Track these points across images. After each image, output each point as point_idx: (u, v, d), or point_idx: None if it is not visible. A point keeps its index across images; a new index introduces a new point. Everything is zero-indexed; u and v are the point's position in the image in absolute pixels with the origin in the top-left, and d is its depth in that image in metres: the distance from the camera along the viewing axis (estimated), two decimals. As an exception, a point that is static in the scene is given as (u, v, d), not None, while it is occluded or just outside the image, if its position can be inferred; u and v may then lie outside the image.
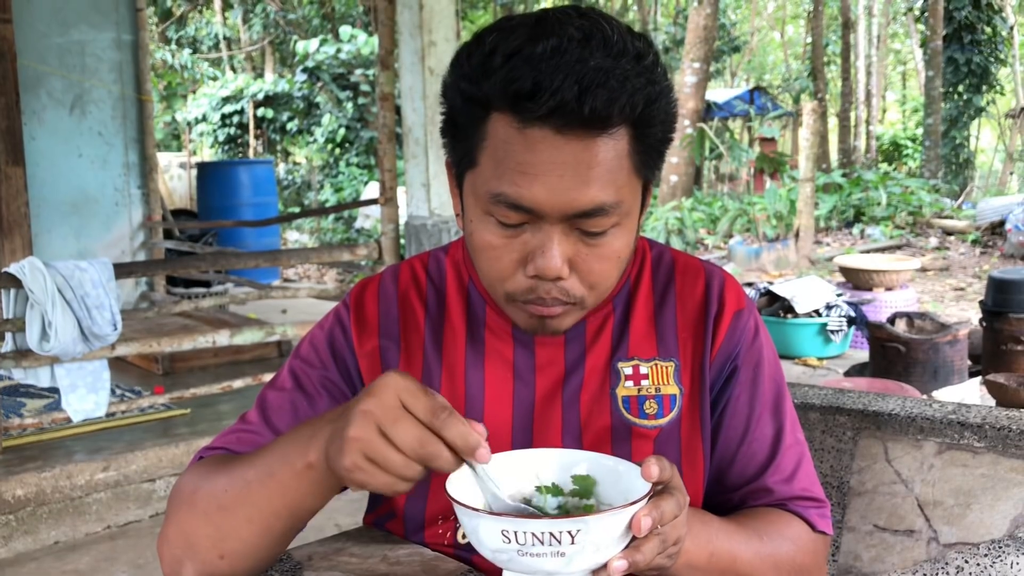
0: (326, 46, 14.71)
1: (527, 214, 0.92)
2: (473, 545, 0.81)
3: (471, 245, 1.00)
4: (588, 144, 0.89)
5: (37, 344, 3.40)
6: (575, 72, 0.86)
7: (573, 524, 0.74)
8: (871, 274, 6.40)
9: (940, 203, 12.90)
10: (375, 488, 0.81)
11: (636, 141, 0.93)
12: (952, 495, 1.25)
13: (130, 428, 3.82)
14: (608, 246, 0.96)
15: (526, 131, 0.89)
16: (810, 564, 1.07)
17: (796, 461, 1.09)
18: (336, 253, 4.69)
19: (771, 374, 1.12)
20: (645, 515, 0.77)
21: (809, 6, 22.43)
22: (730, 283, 1.12)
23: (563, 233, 0.93)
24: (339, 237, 12.85)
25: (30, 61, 5.89)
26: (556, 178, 0.89)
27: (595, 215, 0.92)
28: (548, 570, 0.77)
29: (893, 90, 31.28)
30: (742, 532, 1.00)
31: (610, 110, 0.88)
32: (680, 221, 11.07)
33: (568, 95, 0.86)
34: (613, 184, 0.92)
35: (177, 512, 0.99)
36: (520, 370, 1.08)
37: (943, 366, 4.47)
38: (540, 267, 0.93)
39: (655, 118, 0.93)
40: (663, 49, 20.89)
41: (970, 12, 17.27)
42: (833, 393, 1.44)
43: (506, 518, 0.76)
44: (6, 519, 3.24)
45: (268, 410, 1.10)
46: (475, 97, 0.92)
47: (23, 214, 5.70)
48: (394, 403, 0.79)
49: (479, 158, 0.94)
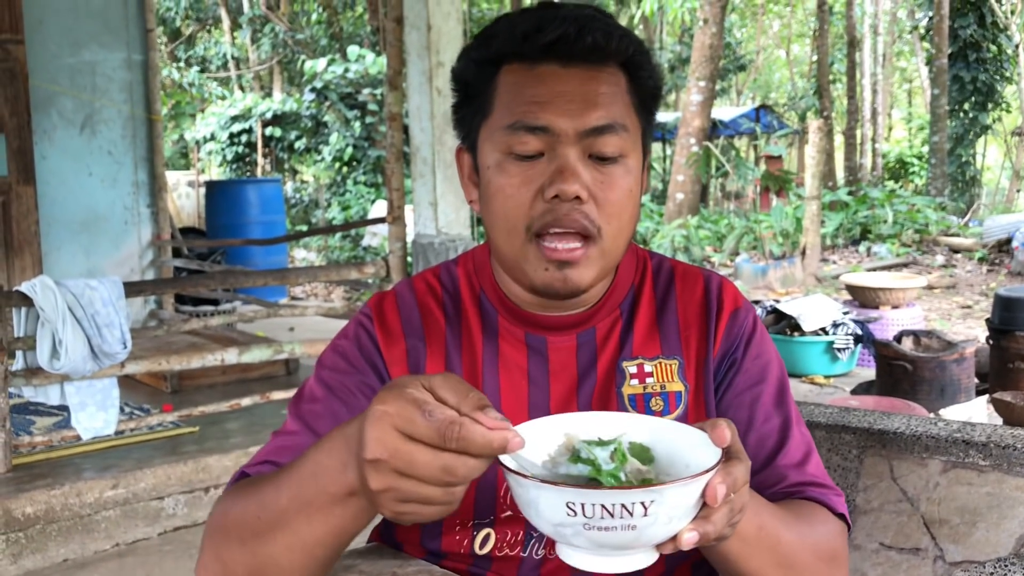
0: (334, 66, 14.80)
1: (544, 136, 0.99)
2: (529, 519, 0.75)
3: (490, 202, 1.04)
4: (591, 75, 1.00)
5: (47, 362, 3.42)
6: (573, 14, 1.00)
7: (647, 495, 0.68)
8: (877, 292, 6.39)
9: (947, 221, 12.89)
10: (432, 518, 0.75)
11: (631, 83, 1.04)
12: (958, 513, 1.26)
13: (139, 446, 3.83)
14: (619, 178, 1.02)
15: (535, 69, 1.00)
16: (839, 550, 1.04)
17: (805, 451, 1.09)
18: (344, 271, 4.72)
19: (773, 369, 1.13)
20: (719, 483, 0.72)
21: (814, 25, 22.50)
22: (727, 285, 1.16)
23: (577, 157, 1.00)
24: (346, 255, 12.88)
25: (42, 81, 5.94)
26: (566, 102, 0.99)
27: (605, 132, 1.00)
28: (614, 544, 0.70)
29: (899, 108, 31.31)
30: (782, 511, 0.97)
31: (608, 44, 1.00)
32: (686, 239, 11.08)
33: (570, 29, 0.98)
34: (617, 108, 1.01)
35: (212, 539, 0.96)
36: (534, 376, 1.10)
37: (950, 384, 4.46)
38: (559, 186, 0.98)
39: (644, 65, 1.05)
40: (669, 68, 20.98)
41: (975, 30, 17.31)
42: (838, 412, 1.45)
43: (573, 488, 0.69)
44: (16, 536, 3.25)
45: (306, 417, 1.07)
46: (485, 57, 1.04)
47: (34, 232, 5.75)
48: (397, 442, 0.72)
49: (493, 106, 1.03)
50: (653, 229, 12.92)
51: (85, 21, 6.31)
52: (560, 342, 1.11)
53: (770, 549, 0.92)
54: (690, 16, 14.47)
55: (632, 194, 1.03)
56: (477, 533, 1.08)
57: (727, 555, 0.89)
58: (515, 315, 1.12)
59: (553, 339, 1.11)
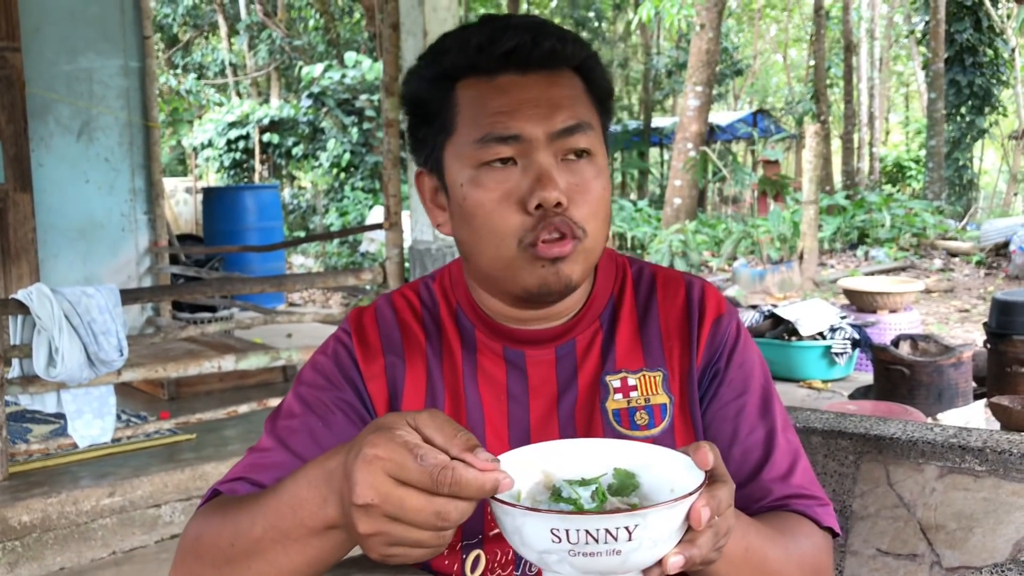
0: (331, 72, 14.82)
1: (516, 145, 0.99)
2: (514, 548, 0.75)
3: (469, 219, 1.03)
4: (550, 80, 1.02)
5: (44, 370, 3.42)
6: (525, 23, 1.01)
7: (631, 519, 0.68)
8: (875, 296, 6.40)
9: (944, 224, 12.91)
10: (421, 560, 0.75)
11: (587, 85, 1.05)
12: (954, 519, 1.25)
13: (136, 453, 3.82)
14: (593, 178, 1.02)
15: (493, 81, 1.01)
16: (825, 563, 1.04)
17: (791, 460, 1.08)
18: (341, 278, 4.71)
19: (757, 377, 1.12)
20: (703, 506, 0.72)
21: (811, 29, 22.55)
22: (710, 291, 1.14)
23: (552, 163, 1.00)
24: (344, 261, 12.88)
25: (38, 89, 5.94)
26: (531, 108, 1.00)
27: (574, 132, 1.01)
28: (600, 570, 0.71)
29: (896, 112, 31.37)
30: (768, 529, 0.97)
31: (564, 49, 1.01)
32: (684, 244, 11.08)
33: (525, 37, 0.99)
34: (580, 109, 1.02)
35: (184, 560, 0.95)
36: (513, 391, 1.09)
37: (948, 388, 4.46)
38: (540, 195, 0.98)
39: (596, 68, 1.06)
40: (666, 73, 21.01)
41: (972, 34, 17.35)
42: (835, 417, 1.45)
43: (556, 515, 0.69)
44: (12, 545, 3.25)
45: (281, 434, 1.07)
46: (439, 74, 1.03)
47: (30, 240, 5.74)
48: (388, 487, 0.71)
49: (455, 124, 1.03)
50: (651, 234, 12.92)
51: (82, 28, 6.31)
52: (539, 355, 1.10)
53: (757, 568, 0.92)
54: (687, 22, 14.50)
55: (605, 192, 1.04)
56: (467, 556, 1.07)
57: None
58: (493, 329, 1.11)
59: (532, 353, 1.10)
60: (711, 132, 15.48)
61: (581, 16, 22.52)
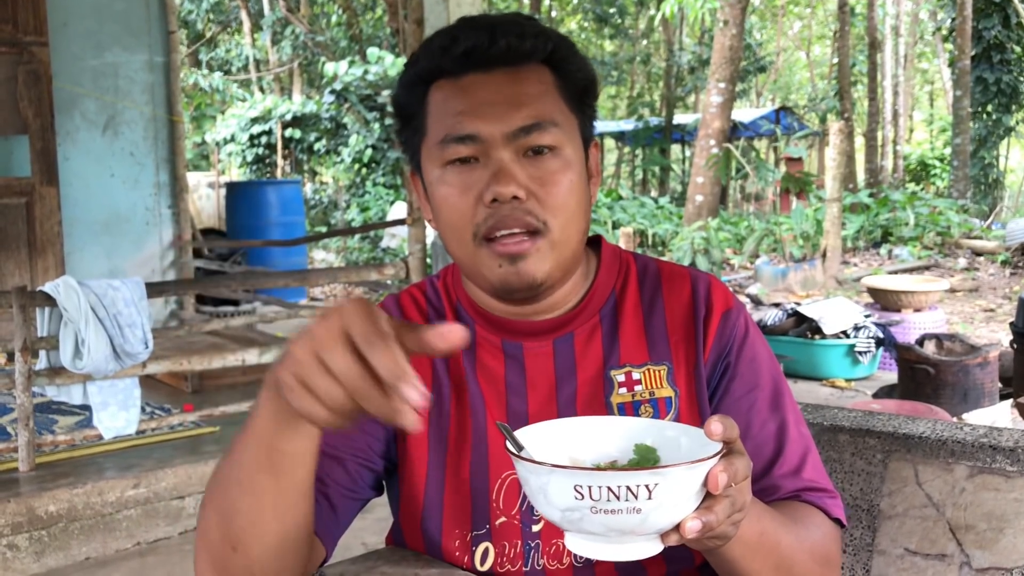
0: (354, 68, 14.85)
1: (474, 144, 1.01)
2: (538, 509, 0.77)
3: (438, 214, 1.06)
4: (513, 77, 1.02)
5: (70, 362, 3.45)
6: (488, 21, 1.03)
7: (651, 477, 0.71)
8: (899, 295, 6.35)
9: (969, 223, 12.79)
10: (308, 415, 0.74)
11: (559, 79, 1.05)
12: (984, 519, 1.24)
13: (160, 445, 3.86)
14: (556, 172, 1.02)
15: (460, 82, 1.02)
16: (834, 553, 1.06)
17: (802, 454, 1.08)
18: (364, 273, 4.73)
19: (767, 370, 1.12)
20: (721, 471, 0.75)
21: (835, 26, 22.39)
22: (716, 285, 1.14)
23: (511, 159, 1.01)
24: (365, 256, 12.93)
25: (65, 83, 6.00)
26: (490, 107, 1.01)
27: (533, 130, 1.01)
28: (622, 528, 0.73)
29: (920, 110, 31.11)
30: (781, 516, 0.99)
31: (522, 45, 1.01)
32: (706, 241, 11.03)
33: (482, 36, 1.00)
34: (544, 106, 1.02)
35: (199, 520, 1.01)
36: (512, 383, 1.10)
37: (973, 388, 4.42)
38: (495, 189, 1.00)
39: (570, 59, 1.06)
40: (688, 69, 20.93)
41: (999, 31, 17.16)
42: (863, 416, 1.44)
43: (581, 471, 0.72)
44: (39, 534, 3.28)
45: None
46: (414, 78, 1.06)
47: (56, 233, 5.80)
48: (336, 328, 0.72)
49: (427, 126, 1.05)
50: (672, 231, 12.88)
51: (108, 24, 6.37)
52: (536, 348, 1.11)
53: (770, 552, 0.95)
54: (710, 17, 14.43)
55: (574, 185, 1.04)
56: (476, 548, 1.08)
57: (730, 558, 0.91)
58: (491, 323, 1.12)
59: (529, 345, 1.11)
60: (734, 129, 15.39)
61: (603, 12, 22.44)
